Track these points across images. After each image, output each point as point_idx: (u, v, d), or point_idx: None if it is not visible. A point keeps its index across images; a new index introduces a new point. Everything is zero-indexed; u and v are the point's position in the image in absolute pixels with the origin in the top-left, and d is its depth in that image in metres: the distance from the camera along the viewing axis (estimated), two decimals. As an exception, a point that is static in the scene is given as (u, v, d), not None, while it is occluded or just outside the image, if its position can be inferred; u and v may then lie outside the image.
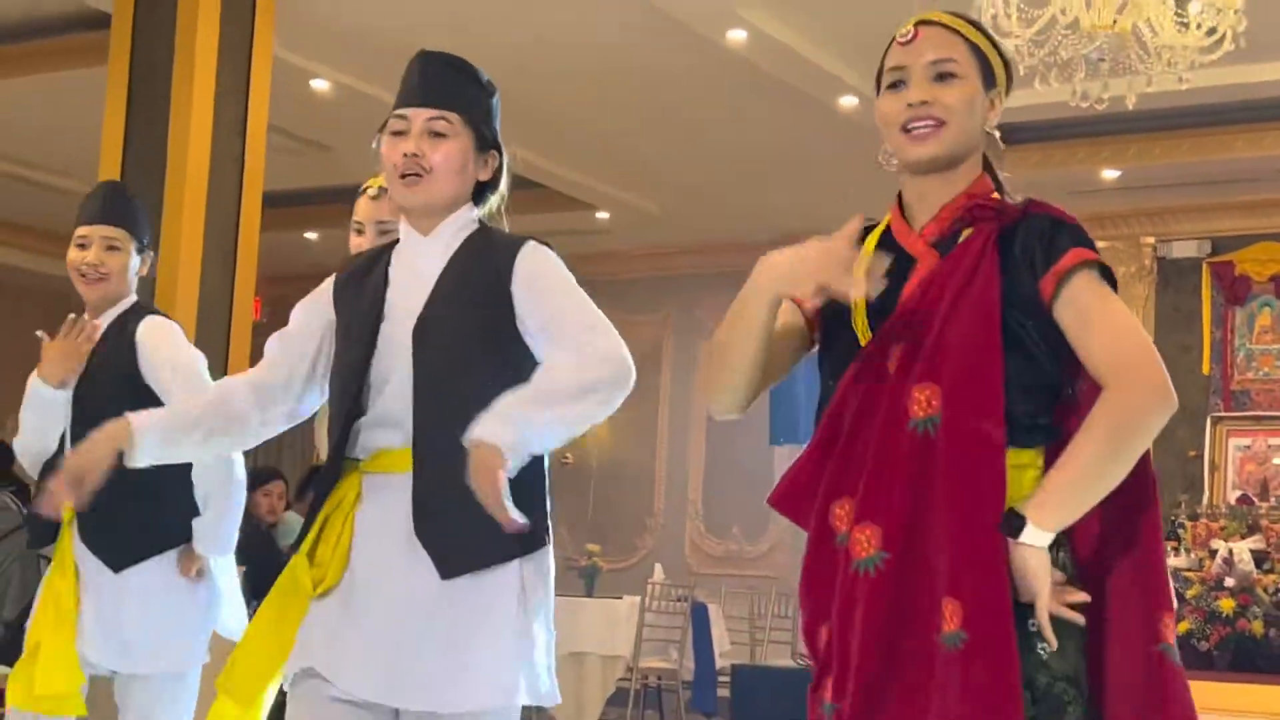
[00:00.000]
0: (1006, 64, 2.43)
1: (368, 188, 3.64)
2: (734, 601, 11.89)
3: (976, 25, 2.44)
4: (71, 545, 3.85)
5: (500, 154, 2.91)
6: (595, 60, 9.04)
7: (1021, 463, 2.25)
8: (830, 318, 2.38)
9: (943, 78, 2.33)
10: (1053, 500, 2.18)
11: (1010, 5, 6.24)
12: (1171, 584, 2.32)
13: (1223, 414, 11.62)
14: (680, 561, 13.27)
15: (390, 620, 2.69)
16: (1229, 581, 10.18)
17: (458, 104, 2.82)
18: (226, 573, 4.25)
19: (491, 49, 8.58)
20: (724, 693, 10.41)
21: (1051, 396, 2.30)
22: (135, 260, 3.92)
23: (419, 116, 2.80)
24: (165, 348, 3.93)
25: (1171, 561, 10.73)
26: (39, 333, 3.77)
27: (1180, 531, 11.06)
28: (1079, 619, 2.19)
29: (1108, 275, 2.34)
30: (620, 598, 10.47)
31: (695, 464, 13.81)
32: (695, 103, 9.72)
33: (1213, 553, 10.46)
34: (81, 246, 3.85)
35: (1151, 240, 12.00)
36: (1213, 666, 9.91)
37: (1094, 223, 11.80)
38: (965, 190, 2.36)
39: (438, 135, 2.79)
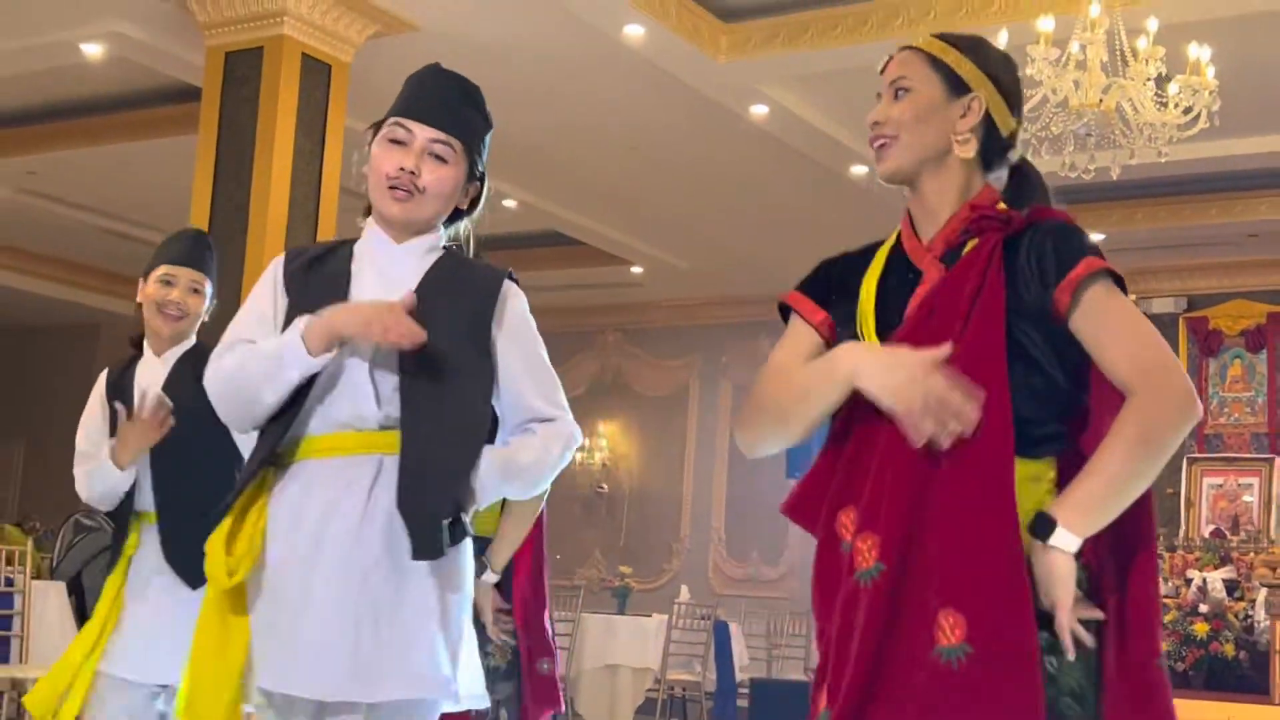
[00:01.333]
0: (988, 70, 2.20)
1: None
2: (753, 620, 11.88)
3: (954, 39, 2.24)
4: (129, 567, 3.65)
5: (482, 185, 2.65)
6: (632, 130, 9.07)
7: (1032, 474, 2.07)
8: (843, 334, 2.21)
9: (898, 95, 2.19)
10: (1084, 504, 1.99)
11: (1006, 85, 6.24)
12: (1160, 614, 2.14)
13: (1197, 455, 11.55)
14: (704, 583, 13.24)
15: (339, 612, 2.36)
16: (1203, 608, 10.09)
17: (463, 132, 2.55)
18: None
19: (536, 117, 8.64)
20: (743, 703, 10.40)
21: (1061, 407, 2.12)
22: (207, 304, 3.75)
23: (423, 133, 2.51)
24: None
25: (1150, 589, 10.66)
26: (118, 405, 3.51)
27: (1159, 562, 10.99)
28: (1090, 641, 2.00)
29: (1120, 282, 2.21)
30: (650, 615, 10.47)
31: (719, 495, 13.79)
32: (722, 169, 9.75)
33: (1188, 581, 10.37)
34: (168, 284, 3.61)
35: (1133, 297, 11.92)
36: (1189, 686, 9.81)
37: (1081, 281, 11.78)
38: (970, 201, 2.17)
39: (437, 158, 2.51)
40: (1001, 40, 6.28)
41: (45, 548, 7.97)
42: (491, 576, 3.94)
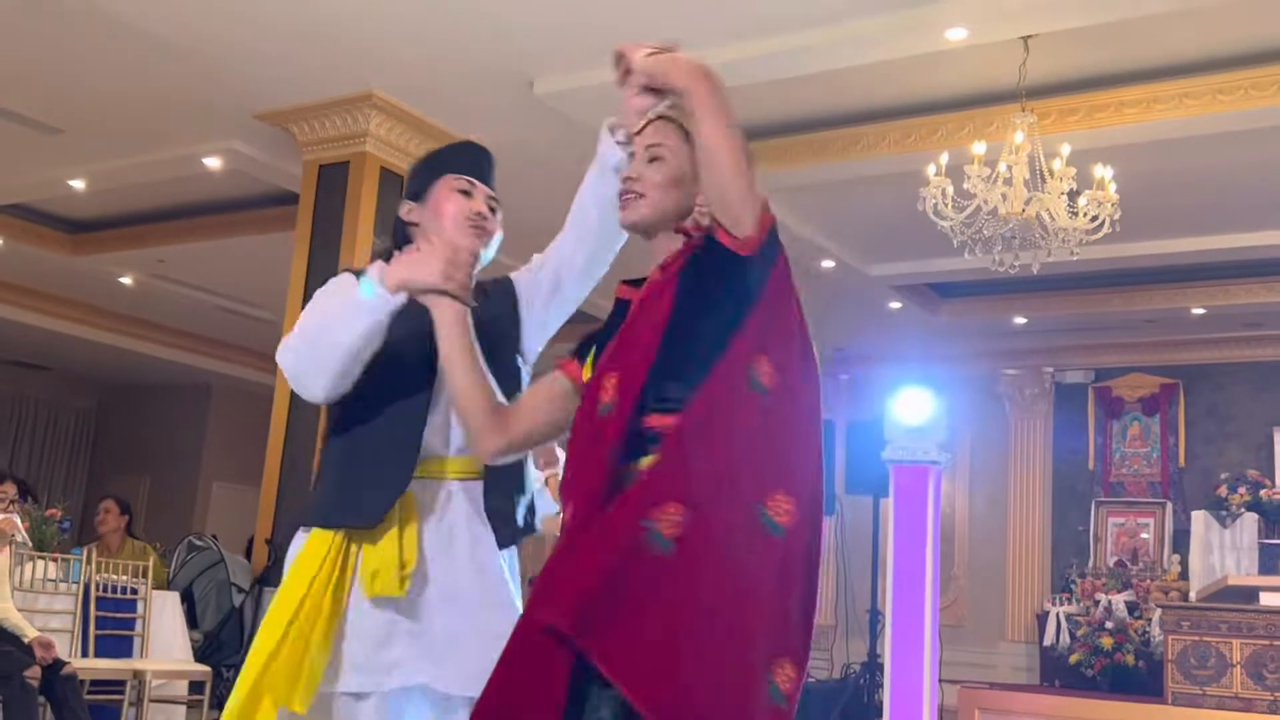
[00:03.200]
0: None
1: None
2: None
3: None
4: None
5: None
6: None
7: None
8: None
9: (652, 160, 2.01)
10: None
11: (947, 197, 6.28)
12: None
13: (1103, 499, 11.50)
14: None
15: (456, 614, 2.20)
16: (1109, 624, 10.02)
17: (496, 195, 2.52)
18: None
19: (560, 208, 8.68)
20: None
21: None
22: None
23: (482, 189, 2.46)
24: None
25: (1064, 609, 10.56)
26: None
27: (1072, 586, 10.89)
28: None
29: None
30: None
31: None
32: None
33: (1096, 602, 10.30)
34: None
35: (1050, 370, 11.94)
36: (1096, 688, 9.71)
37: (1007, 356, 11.79)
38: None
39: (491, 210, 2.47)
40: (943, 160, 6.33)
41: (164, 563, 7.97)
42: None
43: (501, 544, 2.31)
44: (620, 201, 2.03)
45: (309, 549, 2.27)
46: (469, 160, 2.51)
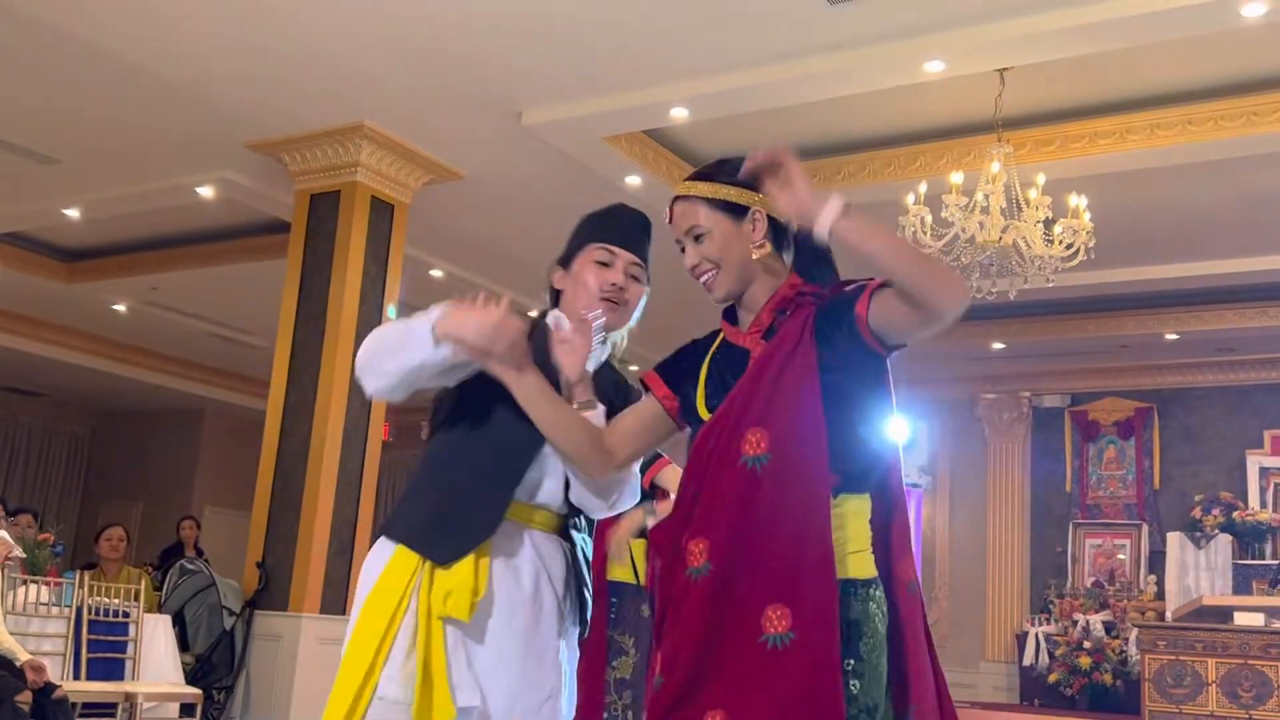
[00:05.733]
0: (743, 183, 2.04)
1: None
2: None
3: (705, 174, 2.10)
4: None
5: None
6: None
7: (855, 509, 1.93)
8: (688, 416, 2.09)
9: (698, 239, 2.06)
10: (860, 224, 1.89)
11: (926, 225, 6.30)
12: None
13: (1080, 521, 11.51)
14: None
15: (506, 648, 2.23)
16: (1087, 644, 10.02)
17: (646, 257, 2.42)
18: None
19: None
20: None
21: (874, 453, 1.96)
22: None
23: (624, 257, 2.37)
24: None
25: (1043, 629, 10.56)
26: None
27: (1051, 606, 10.89)
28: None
29: None
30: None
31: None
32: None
33: (1075, 622, 10.30)
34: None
35: (1028, 394, 11.96)
36: (1075, 707, 9.71)
37: (986, 381, 11.82)
38: (780, 289, 2.05)
39: (633, 278, 2.38)
40: (921, 189, 6.36)
41: (156, 586, 7.90)
42: None
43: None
44: (706, 287, 2.08)
45: (395, 568, 2.22)
46: (613, 226, 2.43)
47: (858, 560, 1.90)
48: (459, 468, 2.26)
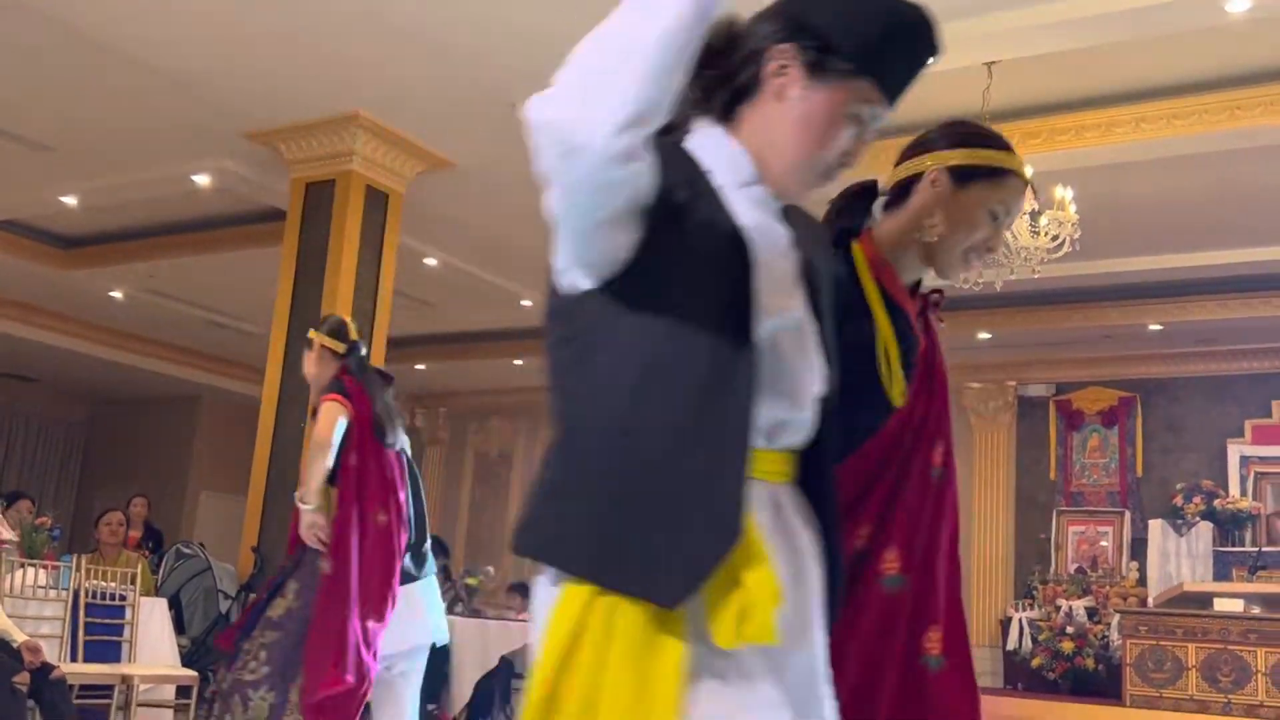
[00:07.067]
0: (931, 147, 2.01)
1: None
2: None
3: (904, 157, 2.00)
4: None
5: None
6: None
7: None
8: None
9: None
10: None
11: (914, 217, 6.31)
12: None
13: (1064, 508, 11.55)
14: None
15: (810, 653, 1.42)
16: (1069, 629, 10.06)
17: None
18: None
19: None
20: None
21: None
22: None
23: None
24: None
25: (1027, 614, 10.60)
26: None
27: (1034, 592, 10.94)
28: None
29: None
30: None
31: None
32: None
33: (1058, 608, 10.34)
34: None
35: (1013, 383, 11.99)
36: (1057, 691, 9.75)
37: (971, 370, 11.85)
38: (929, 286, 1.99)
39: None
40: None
41: (153, 570, 7.91)
42: None
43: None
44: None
45: (565, 615, 1.26)
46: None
47: None
48: (651, 433, 1.28)
